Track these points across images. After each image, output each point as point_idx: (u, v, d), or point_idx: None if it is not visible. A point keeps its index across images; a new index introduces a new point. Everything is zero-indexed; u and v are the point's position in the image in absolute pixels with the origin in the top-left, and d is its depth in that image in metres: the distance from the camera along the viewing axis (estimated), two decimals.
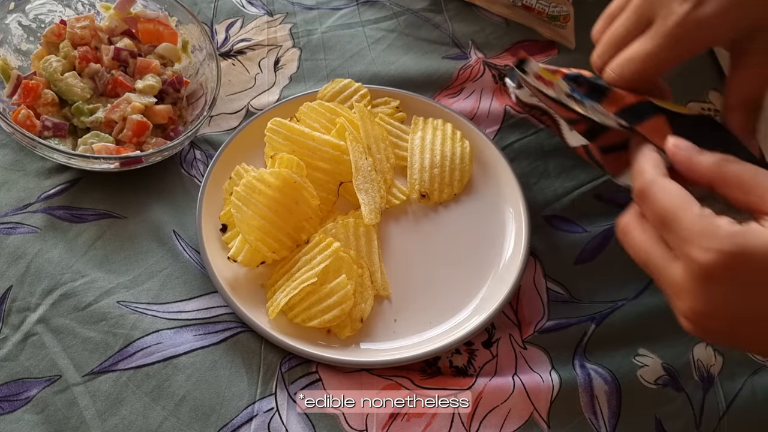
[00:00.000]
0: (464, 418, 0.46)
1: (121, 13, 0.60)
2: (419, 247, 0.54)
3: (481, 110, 0.63)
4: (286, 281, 0.49)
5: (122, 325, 0.47)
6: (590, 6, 0.73)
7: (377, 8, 0.72)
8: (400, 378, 0.47)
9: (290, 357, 0.48)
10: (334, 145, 0.54)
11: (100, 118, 0.54)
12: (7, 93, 0.55)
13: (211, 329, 0.48)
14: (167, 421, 0.44)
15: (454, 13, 0.72)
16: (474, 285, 0.52)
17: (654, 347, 0.51)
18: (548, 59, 0.69)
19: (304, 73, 0.65)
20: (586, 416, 0.47)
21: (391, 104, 0.62)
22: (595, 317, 0.52)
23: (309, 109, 0.57)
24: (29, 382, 0.45)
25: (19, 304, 0.48)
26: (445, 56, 0.68)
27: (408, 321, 0.50)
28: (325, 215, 0.54)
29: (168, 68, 0.60)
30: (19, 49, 0.57)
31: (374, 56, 0.67)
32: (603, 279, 0.54)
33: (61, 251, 0.50)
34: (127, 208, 0.54)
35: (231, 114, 0.62)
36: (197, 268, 0.51)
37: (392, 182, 0.57)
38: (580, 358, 0.50)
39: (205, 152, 0.59)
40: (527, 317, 0.52)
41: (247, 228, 0.48)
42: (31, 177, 0.55)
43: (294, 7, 0.71)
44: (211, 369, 0.47)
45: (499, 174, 0.58)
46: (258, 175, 0.50)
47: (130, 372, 0.46)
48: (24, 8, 0.58)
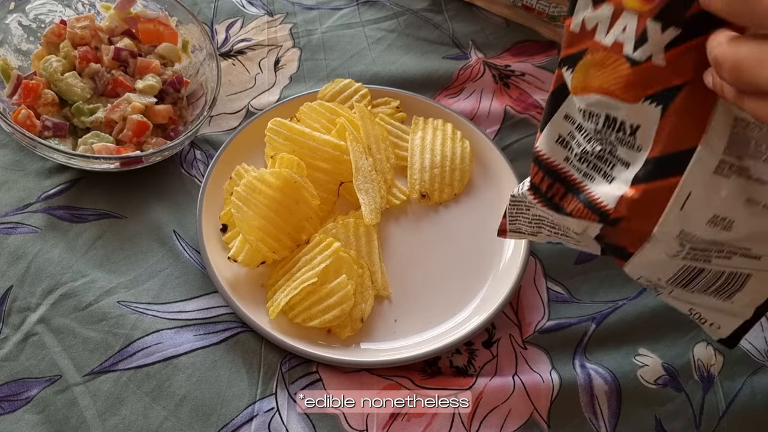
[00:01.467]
0: (464, 418, 0.46)
1: (122, 13, 0.60)
2: (419, 247, 0.54)
3: (481, 110, 0.64)
4: (286, 281, 0.49)
5: (122, 325, 0.47)
6: None
7: (377, 8, 0.72)
8: (401, 378, 0.47)
9: (290, 357, 0.48)
10: (334, 145, 0.54)
11: (100, 118, 0.54)
12: (7, 93, 0.55)
13: (212, 329, 0.48)
14: (167, 421, 0.44)
15: (454, 13, 0.72)
16: (474, 285, 0.53)
17: (654, 347, 0.51)
18: (548, 59, 0.69)
19: (304, 73, 0.65)
20: (586, 416, 0.47)
21: (392, 104, 0.62)
22: (595, 317, 0.52)
23: (309, 109, 0.57)
24: (29, 382, 0.45)
25: (19, 304, 0.48)
26: (446, 56, 0.68)
27: (408, 321, 0.50)
28: (326, 215, 0.54)
29: (168, 68, 0.60)
30: (20, 49, 0.57)
31: (374, 56, 0.67)
32: (603, 279, 0.54)
33: (62, 251, 0.50)
34: (127, 208, 0.54)
35: (231, 114, 0.62)
36: (197, 268, 0.51)
37: (392, 182, 0.57)
38: (581, 358, 0.50)
39: (206, 152, 0.59)
40: (527, 317, 0.52)
41: (248, 228, 0.48)
42: (31, 177, 0.55)
43: (294, 7, 0.71)
44: (211, 369, 0.47)
45: (499, 174, 0.58)
46: (258, 175, 0.50)
47: (131, 372, 0.46)
48: (24, 8, 0.58)
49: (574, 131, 0.36)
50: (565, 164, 0.37)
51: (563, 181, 0.38)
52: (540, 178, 0.39)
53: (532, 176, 0.39)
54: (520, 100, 0.65)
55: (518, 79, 0.66)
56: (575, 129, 0.36)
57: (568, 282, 0.54)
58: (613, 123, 0.33)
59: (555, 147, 0.37)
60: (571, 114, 0.36)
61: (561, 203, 0.38)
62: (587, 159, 0.36)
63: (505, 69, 0.67)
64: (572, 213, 0.37)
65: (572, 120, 0.36)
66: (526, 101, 0.65)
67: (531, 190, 0.39)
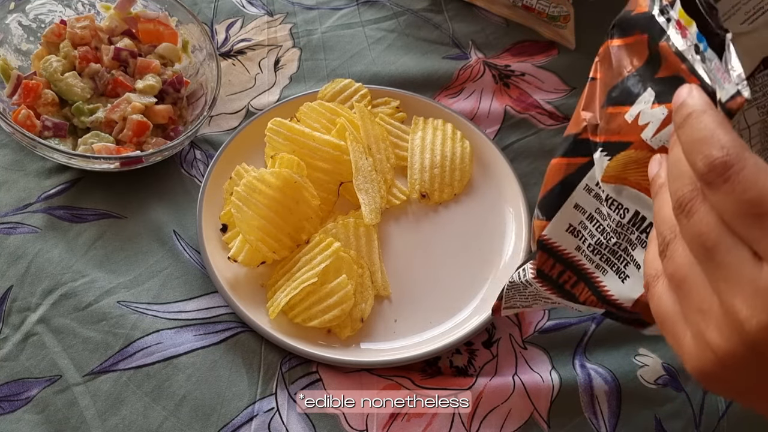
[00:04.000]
0: (464, 418, 0.46)
1: (122, 13, 0.60)
2: (419, 247, 0.54)
3: (481, 110, 0.64)
4: (286, 281, 0.49)
5: (122, 325, 0.47)
6: (590, 6, 0.73)
7: (377, 8, 0.72)
8: (401, 378, 0.47)
9: (290, 357, 0.48)
10: (334, 145, 0.54)
11: (100, 118, 0.54)
12: (7, 93, 0.55)
13: (212, 329, 0.48)
14: (167, 421, 0.44)
15: (454, 13, 0.72)
16: (474, 285, 0.53)
17: (654, 347, 0.51)
18: (548, 59, 0.69)
19: (304, 73, 0.65)
20: (586, 416, 0.47)
21: (392, 104, 0.62)
22: (595, 317, 0.52)
23: (309, 109, 0.57)
24: (29, 382, 0.45)
25: (19, 304, 0.48)
26: (446, 56, 0.68)
27: (408, 321, 0.50)
28: (326, 215, 0.54)
29: (168, 68, 0.60)
30: (20, 49, 0.57)
31: (374, 56, 0.67)
32: None
33: (62, 251, 0.50)
34: (127, 208, 0.54)
35: (231, 114, 0.62)
36: (197, 268, 0.51)
37: (392, 182, 0.57)
38: (581, 357, 0.50)
39: (206, 152, 0.59)
40: (527, 317, 0.52)
41: (248, 228, 0.48)
42: (31, 177, 0.55)
43: (294, 7, 0.71)
44: (211, 369, 0.47)
45: (499, 174, 0.58)
46: (258, 175, 0.50)
47: (131, 372, 0.46)
48: (24, 8, 0.57)
49: (586, 221, 0.35)
50: (577, 253, 0.36)
51: (575, 270, 0.37)
52: (550, 265, 0.38)
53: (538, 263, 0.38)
54: (520, 100, 0.65)
55: (518, 79, 0.66)
56: (586, 219, 0.35)
57: None
58: (641, 222, 0.32)
59: (565, 236, 0.36)
60: (581, 204, 0.35)
61: (573, 291, 0.37)
62: (600, 251, 0.35)
63: (505, 69, 0.67)
64: (585, 302, 0.37)
65: (583, 210, 0.35)
66: (526, 101, 0.65)
67: (538, 278, 0.38)
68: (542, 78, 0.67)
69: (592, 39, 0.71)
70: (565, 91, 0.66)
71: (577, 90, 0.66)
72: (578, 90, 0.66)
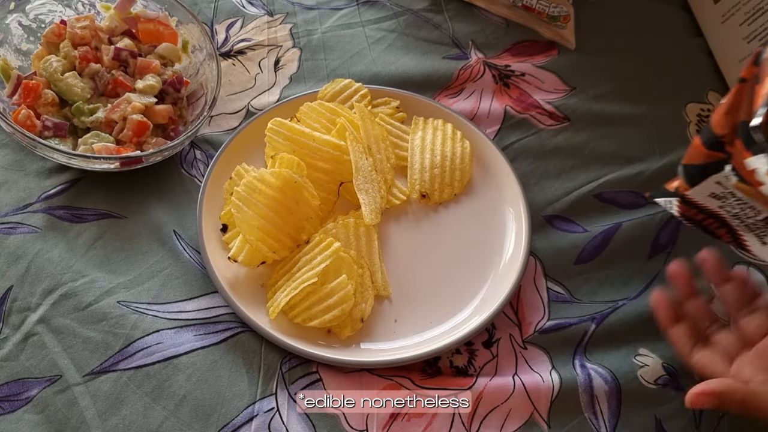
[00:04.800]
0: (464, 418, 0.46)
1: (122, 13, 0.60)
2: (419, 247, 0.54)
3: (481, 110, 0.64)
4: (286, 281, 0.49)
5: (123, 325, 0.47)
6: (590, 6, 0.73)
7: (377, 8, 0.72)
8: (401, 378, 0.47)
9: (291, 357, 0.48)
10: (334, 145, 0.54)
11: (101, 118, 0.54)
12: (7, 93, 0.55)
13: (212, 329, 0.48)
14: (168, 421, 0.44)
15: (454, 14, 0.72)
16: (474, 285, 0.53)
17: (654, 347, 0.51)
18: (548, 59, 0.69)
19: (304, 73, 0.65)
20: (586, 416, 0.47)
21: (392, 104, 0.62)
22: (595, 317, 0.52)
23: (309, 109, 0.57)
24: (30, 382, 0.45)
25: (19, 304, 0.48)
26: (446, 56, 0.68)
27: (408, 321, 0.50)
28: (326, 215, 0.54)
29: (168, 68, 0.60)
30: (20, 49, 0.57)
31: (374, 56, 0.67)
32: (603, 279, 0.54)
33: (62, 251, 0.50)
34: (127, 208, 0.54)
35: (231, 114, 0.62)
36: (197, 268, 0.51)
37: (392, 182, 0.57)
38: (581, 358, 0.50)
39: (206, 152, 0.59)
40: (527, 317, 0.52)
41: (248, 228, 0.48)
42: (31, 177, 0.55)
43: (294, 7, 0.71)
44: (211, 369, 0.47)
45: (499, 174, 0.58)
46: (258, 175, 0.50)
47: (131, 372, 0.46)
48: (24, 8, 0.57)
49: (728, 195, 0.39)
50: (720, 210, 0.40)
51: (718, 218, 0.41)
52: (694, 213, 0.42)
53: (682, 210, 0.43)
54: (520, 100, 0.65)
55: (518, 79, 0.66)
56: (728, 193, 0.39)
57: (568, 282, 0.54)
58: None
59: (708, 199, 0.40)
60: (723, 183, 0.38)
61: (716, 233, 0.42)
62: (741, 219, 0.39)
63: (505, 69, 0.67)
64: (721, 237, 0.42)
65: (725, 187, 0.38)
66: (526, 101, 0.65)
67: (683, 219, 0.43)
68: (542, 78, 0.67)
69: (592, 39, 0.71)
70: (565, 91, 0.66)
71: (577, 90, 0.66)
72: (578, 90, 0.66)
